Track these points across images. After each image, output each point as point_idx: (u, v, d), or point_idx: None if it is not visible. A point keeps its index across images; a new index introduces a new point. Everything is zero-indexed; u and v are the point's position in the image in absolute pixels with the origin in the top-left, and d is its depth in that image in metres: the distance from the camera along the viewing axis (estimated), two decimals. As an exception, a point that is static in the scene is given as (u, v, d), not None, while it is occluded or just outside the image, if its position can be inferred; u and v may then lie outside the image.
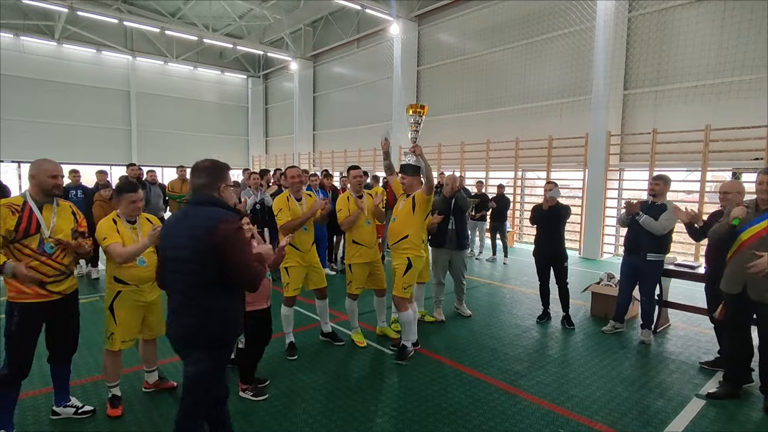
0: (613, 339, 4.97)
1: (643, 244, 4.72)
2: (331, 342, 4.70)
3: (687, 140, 8.85)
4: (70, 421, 3.12)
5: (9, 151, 17.55)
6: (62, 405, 3.15)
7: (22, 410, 3.17)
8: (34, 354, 2.88)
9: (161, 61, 21.27)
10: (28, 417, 3.15)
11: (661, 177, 4.85)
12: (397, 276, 4.28)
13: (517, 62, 12.13)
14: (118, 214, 3.20)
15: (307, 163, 20.46)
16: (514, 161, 12.06)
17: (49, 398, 3.22)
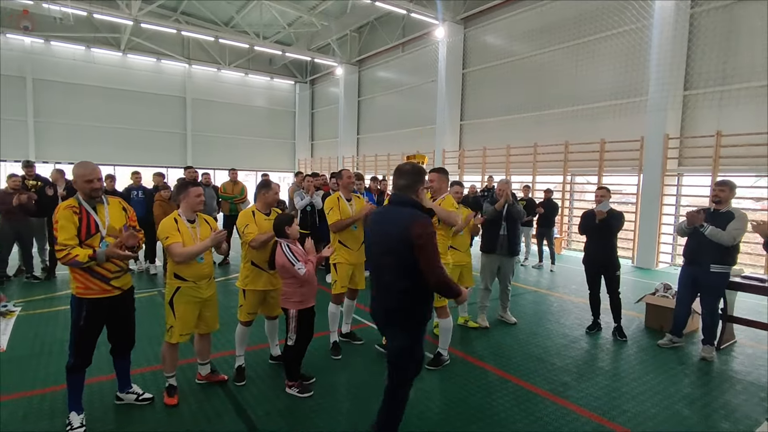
0: (671, 354, 4.69)
1: (706, 255, 4.43)
2: (350, 341, 4.75)
3: (756, 143, 8.22)
4: (131, 407, 3.33)
5: (80, 154, 18.96)
6: (125, 391, 3.37)
7: (90, 394, 3.41)
8: (97, 344, 3.08)
9: (215, 68, 22.30)
10: (95, 400, 3.39)
11: (726, 183, 4.52)
12: None
13: (567, 63, 11.75)
14: (180, 213, 3.38)
15: (351, 166, 20.74)
16: (563, 165, 11.67)
17: (113, 384, 3.45)
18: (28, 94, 18.27)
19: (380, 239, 2.65)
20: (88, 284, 2.92)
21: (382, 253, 2.64)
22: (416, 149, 16.70)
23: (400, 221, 2.51)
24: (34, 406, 3.33)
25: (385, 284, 2.64)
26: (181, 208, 3.40)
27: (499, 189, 5.42)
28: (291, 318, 3.49)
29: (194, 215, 3.43)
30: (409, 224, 2.46)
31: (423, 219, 2.49)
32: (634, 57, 10.19)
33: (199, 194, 3.39)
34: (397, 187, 2.67)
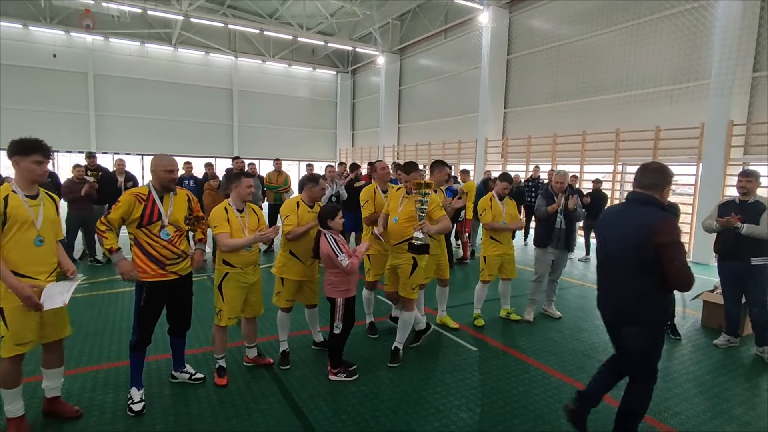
0: (728, 354, 4.43)
1: (745, 248, 4.19)
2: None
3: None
4: (185, 385, 3.54)
5: (136, 145, 20.13)
6: (179, 371, 3.58)
7: (149, 371, 3.65)
8: (156, 325, 3.28)
9: (260, 60, 22.83)
10: (153, 377, 3.62)
11: (752, 173, 4.37)
12: (403, 277, 4.00)
13: (620, 46, 11.12)
14: (230, 202, 3.53)
15: (391, 155, 20.75)
16: (613, 154, 11.13)
17: (169, 363, 3.66)
18: (90, 89, 19.48)
19: (614, 238, 2.68)
20: (146, 268, 3.10)
21: (615, 251, 2.66)
22: (458, 138, 16.48)
23: (641, 220, 2.50)
24: (100, 379, 3.60)
25: (617, 283, 2.66)
26: (232, 198, 3.54)
27: (556, 183, 5.13)
28: (338, 307, 3.57)
29: (243, 205, 3.57)
30: (653, 223, 2.45)
31: (668, 218, 2.48)
32: (696, 37, 9.50)
33: (250, 185, 3.52)
34: (641, 186, 2.64)
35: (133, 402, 3.15)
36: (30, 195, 2.68)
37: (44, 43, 18.24)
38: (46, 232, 2.71)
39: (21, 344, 2.63)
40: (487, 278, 5.08)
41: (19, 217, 2.58)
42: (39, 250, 2.67)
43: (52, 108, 18.73)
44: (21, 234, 2.59)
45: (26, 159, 2.62)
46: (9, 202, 2.57)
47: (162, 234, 3.11)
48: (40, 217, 2.68)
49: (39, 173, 2.68)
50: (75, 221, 7.24)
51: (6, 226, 2.55)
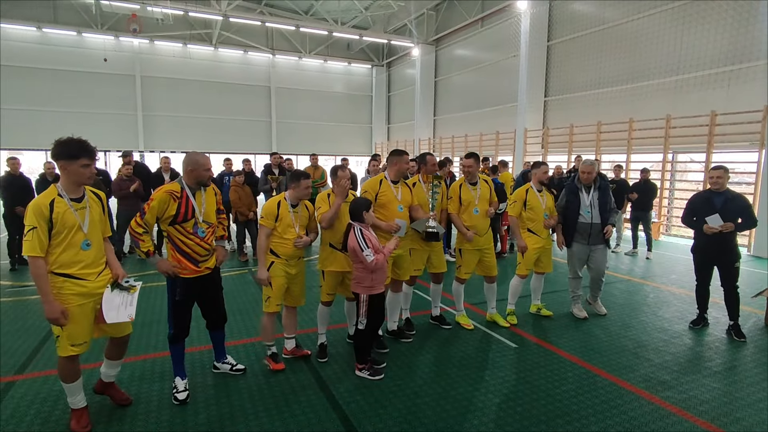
0: (798, 357, 4.07)
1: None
2: (439, 325, 4.75)
3: None
4: (226, 376, 3.62)
5: (180, 143, 20.93)
6: (221, 361, 3.67)
7: (192, 362, 3.77)
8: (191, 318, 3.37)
9: (296, 57, 23.13)
10: (197, 367, 3.74)
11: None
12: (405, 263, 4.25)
13: (670, 27, 10.45)
14: (286, 197, 3.65)
15: (427, 148, 20.54)
16: (663, 142, 10.51)
17: (212, 354, 3.76)
18: (137, 90, 20.40)
19: None
20: (181, 264, 3.17)
21: None
22: (496, 129, 16.09)
23: None
24: (147, 368, 3.76)
25: None
26: (289, 194, 3.66)
27: (582, 173, 4.88)
28: (362, 302, 3.55)
29: (298, 201, 3.68)
30: None
31: None
32: (757, 13, 8.77)
33: (308, 186, 3.65)
34: None
35: (178, 391, 3.25)
36: (75, 198, 2.69)
37: (95, 48, 19.24)
38: (93, 234, 2.74)
39: (76, 345, 2.71)
40: (524, 272, 4.91)
41: (66, 223, 2.60)
42: (87, 252, 2.70)
43: (104, 110, 19.77)
44: (69, 238, 2.63)
45: (74, 163, 2.62)
46: (55, 207, 2.58)
47: (198, 231, 3.18)
48: (86, 221, 2.70)
49: (87, 176, 2.70)
50: (124, 217, 7.58)
51: (53, 232, 2.58)
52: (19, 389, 3.37)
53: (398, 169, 4.12)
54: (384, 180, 4.14)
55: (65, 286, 2.65)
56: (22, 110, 18.39)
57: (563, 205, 4.96)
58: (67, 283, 2.65)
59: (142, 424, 2.96)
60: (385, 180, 4.14)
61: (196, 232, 3.16)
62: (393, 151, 4.21)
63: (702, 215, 4.50)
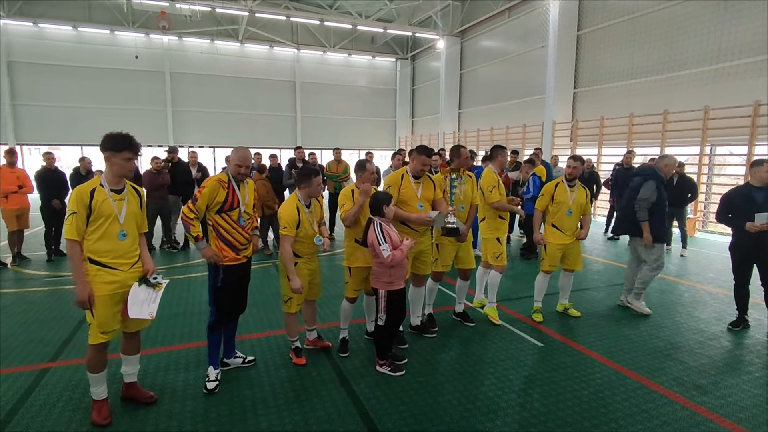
0: None
1: None
2: (462, 322, 4.68)
3: None
4: (245, 370, 3.65)
5: (208, 138, 21.41)
6: (231, 357, 3.67)
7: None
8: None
9: (321, 51, 23.18)
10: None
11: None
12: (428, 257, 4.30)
13: (708, 13, 9.93)
14: (299, 198, 3.59)
15: (451, 142, 20.29)
16: (701, 134, 10.03)
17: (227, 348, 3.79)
18: (167, 86, 20.89)
19: None
20: (224, 252, 3.28)
21: None
22: (523, 122, 15.74)
23: None
24: (172, 360, 3.83)
25: None
26: (301, 193, 3.61)
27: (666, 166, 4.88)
28: (381, 298, 3.50)
29: (310, 199, 3.66)
30: None
31: None
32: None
33: (319, 184, 3.66)
34: None
35: (209, 380, 3.32)
36: (116, 189, 2.81)
37: (127, 45, 19.77)
38: (129, 226, 2.84)
39: (106, 332, 2.80)
40: (547, 268, 4.78)
41: (103, 211, 2.71)
42: (122, 243, 2.81)
43: (135, 105, 20.33)
44: (106, 226, 2.74)
45: (118, 155, 2.75)
46: (95, 196, 2.71)
47: (241, 220, 3.30)
48: (123, 212, 2.81)
49: (129, 169, 2.83)
50: (153, 210, 7.77)
51: (91, 218, 2.71)
52: (53, 377, 3.49)
53: (414, 166, 4.03)
54: (405, 175, 4.07)
55: (98, 275, 2.74)
56: (58, 107, 19.15)
57: (653, 200, 4.74)
58: (100, 271, 2.75)
59: (165, 415, 3.01)
60: (406, 175, 4.07)
61: (239, 221, 3.29)
62: (416, 148, 4.13)
63: (742, 212, 4.26)
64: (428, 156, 3.98)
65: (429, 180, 4.15)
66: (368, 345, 4.10)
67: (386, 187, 4.03)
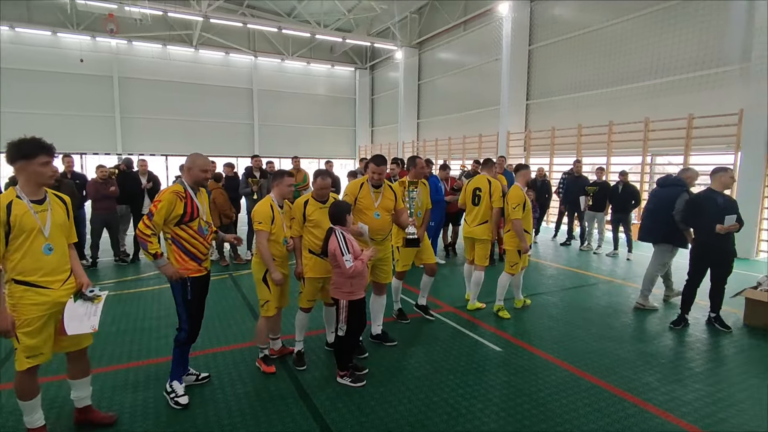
0: (775, 356, 4.12)
1: None
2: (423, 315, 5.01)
3: None
4: (201, 386, 3.48)
5: (160, 146, 20.57)
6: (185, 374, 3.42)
7: (157, 377, 3.62)
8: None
9: (279, 59, 22.92)
10: (162, 381, 3.57)
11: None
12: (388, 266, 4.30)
13: (647, 32, 10.64)
14: (273, 198, 3.64)
15: (411, 151, 20.54)
16: (642, 144, 10.68)
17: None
18: (115, 92, 19.93)
19: None
20: (187, 265, 3.16)
21: None
22: (479, 132, 16.18)
23: None
24: (121, 378, 3.59)
25: None
26: (274, 193, 3.66)
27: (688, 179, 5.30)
28: (341, 308, 3.45)
29: (283, 201, 3.67)
30: None
31: None
32: (731, 18, 8.98)
33: (290, 183, 3.70)
34: None
35: (177, 395, 3.20)
36: (36, 200, 2.53)
37: (72, 48, 18.74)
38: (55, 238, 2.58)
39: (33, 356, 2.53)
40: (518, 271, 5.13)
41: (25, 226, 2.44)
42: (50, 258, 2.53)
43: (80, 111, 19.23)
44: (29, 242, 2.46)
45: (33, 162, 2.47)
46: (12, 209, 2.42)
47: (203, 230, 3.23)
48: (48, 224, 2.54)
49: (49, 175, 2.56)
50: (100, 221, 7.35)
51: (11, 236, 2.42)
52: (-20, 404, 3.18)
53: (370, 176, 4.05)
54: (365, 184, 4.06)
55: (26, 296, 2.47)
56: (-7, 112, 17.81)
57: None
58: (28, 292, 2.47)
59: (111, 439, 2.82)
60: (366, 184, 4.06)
61: (201, 231, 3.20)
62: (372, 158, 4.13)
63: (708, 214, 4.55)
64: (377, 164, 3.97)
65: (390, 190, 4.16)
66: (328, 356, 4.02)
67: (344, 196, 4.02)
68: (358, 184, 4.09)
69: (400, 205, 4.21)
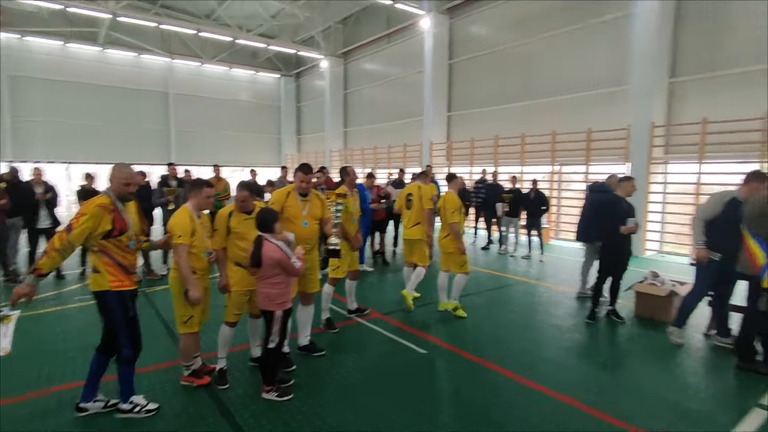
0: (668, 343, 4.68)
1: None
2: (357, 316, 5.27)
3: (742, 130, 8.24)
4: (104, 415, 3.19)
5: (60, 152, 18.56)
6: (91, 400, 3.18)
7: (60, 405, 3.26)
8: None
9: (197, 62, 21.84)
10: (66, 409, 3.23)
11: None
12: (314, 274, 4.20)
13: (553, 53, 11.71)
14: (190, 209, 3.45)
15: (338, 160, 20.56)
16: (551, 155, 11.65)
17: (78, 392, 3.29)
18: (3, 92, 17.69)
19: None
20: (122, 277, 3.01)
21: None
22: (404, 141, 16.61)
23: None
24: (27, 409, 3.17)
25: None
26: (191, 203, 3.48)
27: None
28: (276, 320, 3.37)
29: (200, 211, 3.52)
30: None
31: None
32: (620, 45, 10.16)
33: (209, 195, 3.55)
34: None
35: (144, 407, 3.16)
36: None
37: (-54, 40, 16.38)
38: None
39: None
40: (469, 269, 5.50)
41: None
42: None
43: (-42, 112, 16.84)
44: None
45: None
46: None
47: (131, 243, 3.08)
48: None
49: None
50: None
51: None
52: None
53: (297, 185, 4.00)
54: (292, 192, 4.01)
55: None
56: None
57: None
58: None
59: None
60: (293, 193, 4.01)
61: (130, 245, 3.07)
62: (299, 166, 4.09)
63: (614, 217, 5.11)
64: (304, 173, 3.95)
65: (317, 198, 4.14)
66: (252, 372, 3.87)
67: (270, 204, 3.93)
68: (285, 192, 4.03)
69: (327, 214, 4.20)
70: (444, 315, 5.46)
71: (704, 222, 4.31)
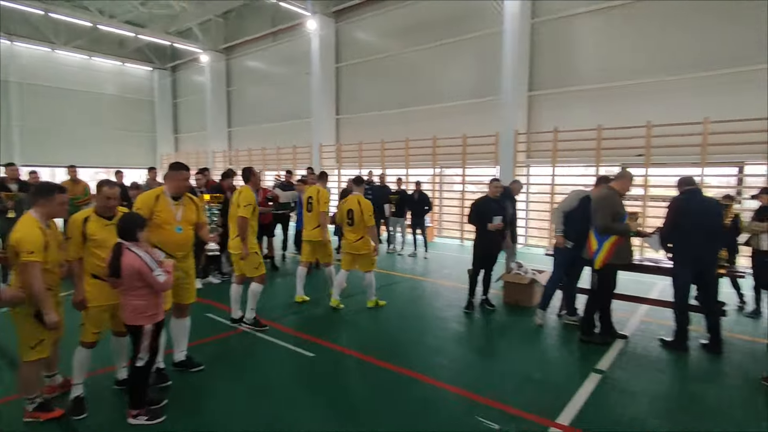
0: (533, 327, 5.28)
1: None
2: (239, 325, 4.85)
3: (585, 138, 9.70)
4: None
5: None
6: None
7: None
8: None
9: (47, 48, 18.89)
10: None
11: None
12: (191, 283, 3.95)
13: (433, 62, 12.51)
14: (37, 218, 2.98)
15: (222, 161, 19.42)
16: (432, 158, 12.41)
17: None
18: None
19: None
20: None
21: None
22: (293, 143, 16.32)
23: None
24: None
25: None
26: (37, 213, 2.99)
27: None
28: (145, 335, 3.04)
29: (48, 222, 3.04)
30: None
31: None
32: (490, 59, 11.24)
33: (63, 201, 3.13)
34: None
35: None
36: None
37: None
38: None
39: None
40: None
41: None
42: None
43: None
44: None
45: None
46: None
47: None
48: None
49: None
50: None
51: None
52: None
53: (176, 186, 3.67)
54: (162, 196, 3.64)
55: None
56: None
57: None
58: None
59: None
60: (163, 196, 3.65)
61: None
62: (171, 165, 3.75)
63: (484, 216, 5.58)
64: (186, 170, 3.67)
65: (190, 201, 3.83)
66: (116, 396, 3.46)
67: (136, 209, 3.53)
68: (152, 195, 3.63)
69: (202, 218, 3.93)
70: (333, 315, 5.49)
71: (563, 214, 5.00)
